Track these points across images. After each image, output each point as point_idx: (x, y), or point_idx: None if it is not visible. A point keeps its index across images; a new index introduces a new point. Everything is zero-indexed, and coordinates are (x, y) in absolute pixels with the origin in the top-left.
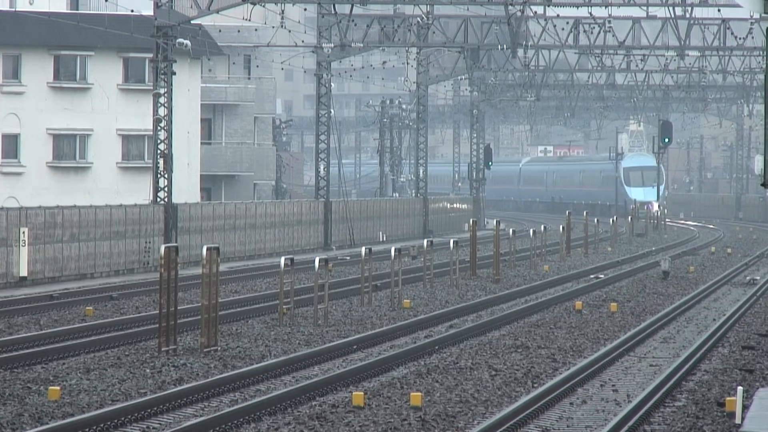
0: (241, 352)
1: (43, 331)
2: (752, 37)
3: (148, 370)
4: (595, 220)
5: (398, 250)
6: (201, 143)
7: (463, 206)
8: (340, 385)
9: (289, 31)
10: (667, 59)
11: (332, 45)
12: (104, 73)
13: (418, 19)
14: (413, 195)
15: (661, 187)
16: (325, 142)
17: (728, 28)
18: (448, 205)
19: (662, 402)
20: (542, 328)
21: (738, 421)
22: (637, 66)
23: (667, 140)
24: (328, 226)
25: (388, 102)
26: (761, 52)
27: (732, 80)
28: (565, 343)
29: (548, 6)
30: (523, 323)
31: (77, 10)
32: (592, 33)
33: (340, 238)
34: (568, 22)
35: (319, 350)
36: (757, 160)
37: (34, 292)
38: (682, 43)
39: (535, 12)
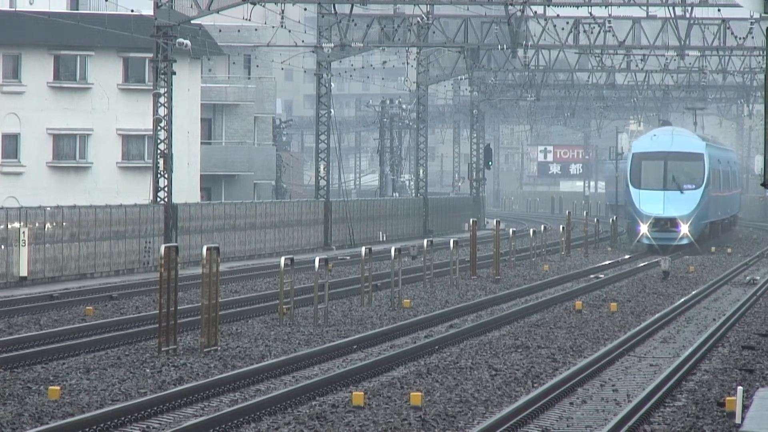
0: (241, 352)
1: (43, 331)
2: (752, 37)
3: (148, 370)
4: (595, 219)
5: (398, 250)
6: (201, 143)
7: None
8: (340, 385)
9: (289, 31)
10: (667, 59)
11: (332, 45)
12: (104, 73)
13: (418, 19)
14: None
15: (700, 193)
16: (325, 142)
17: (728, 28)
18: None
19: (662, 402)
20: (542, 328)
21: (738, 421)
22: (637, 66)
23: None
24: (328, 226)
25: (388, 102)
26: (761, 52)
27: (732, 80)
28: (565, 343)
29: (548, 6)
30: (523, 323)
31: (77, 10)
32: (592, 33)
33: (340, 238)
34: (568, 22)
35: (319, 350)
36: (757, 160)
37: (34, 292)
38: (682, 43)
39: (535, 12)
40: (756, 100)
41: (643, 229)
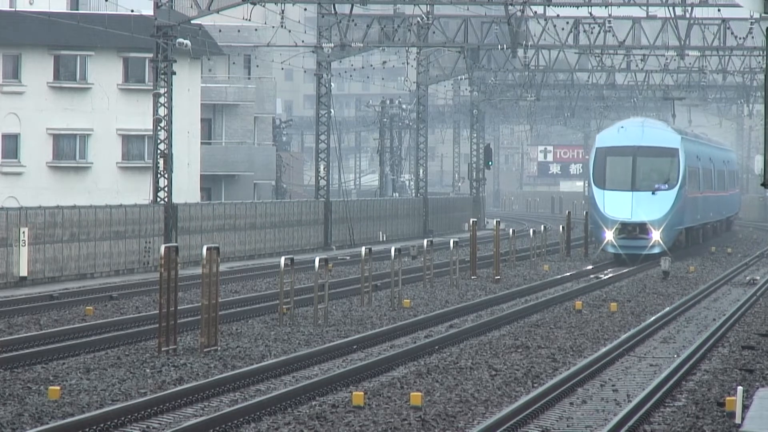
0: (241, 352)
1: (43, 331)
2: (752, 37)
3: (148, 370)
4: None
5: (398, 250)
6: (201, 143)
7: None
8: (340, 385)
9: (289, 31)
10: (667, 59)
11: (332, 45)
12: (104, 73)
13: (418, 19)
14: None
15: (674, 194)
16: (325, 142)
17: (728, 28)
18: None
19: (662, 402)
20: (542, 328)
21: (738, 421)
22: (637, 66)
23: None
24: (328, 226)
25: (388, 102)
26: (761, 52)
27: (732, 80)
28: (565, 343)
29: (548, 6)
30: (523, 323)
31: (77, 10)
32: (592, 33)
33: (340, 238)
34: (568, 22)
35: (319, 350)
36: (757, 160)
37: (34, 292)
38: (682, 43)
39: (535, 12)
40: (756, 100)
41: (609, 236)
